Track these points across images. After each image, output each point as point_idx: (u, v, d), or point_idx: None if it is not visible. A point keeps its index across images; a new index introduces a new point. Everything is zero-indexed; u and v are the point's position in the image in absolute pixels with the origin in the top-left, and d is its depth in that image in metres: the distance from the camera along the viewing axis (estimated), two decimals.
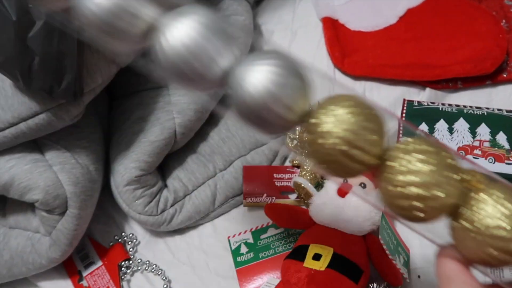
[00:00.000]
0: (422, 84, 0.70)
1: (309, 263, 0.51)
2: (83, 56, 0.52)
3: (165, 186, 0.62)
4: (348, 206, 0.54)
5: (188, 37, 0.32)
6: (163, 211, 0.60)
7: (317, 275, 0.50)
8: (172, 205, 0.61)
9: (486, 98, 0.68)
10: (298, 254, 0.53)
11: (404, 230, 0.60)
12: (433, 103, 0.59)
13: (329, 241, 0.53)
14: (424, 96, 0.68)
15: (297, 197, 0.63)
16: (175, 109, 0.60)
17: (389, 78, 0.70)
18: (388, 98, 0.70)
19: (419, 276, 0.58)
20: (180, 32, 0.32)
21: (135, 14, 0.33)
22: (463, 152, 0.54)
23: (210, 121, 0.66)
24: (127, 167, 0.58)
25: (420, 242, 0.60)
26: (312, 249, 0.52)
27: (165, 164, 0.64)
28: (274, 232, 0.62)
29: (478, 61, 0.66)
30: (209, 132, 0.66)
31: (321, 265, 0.51)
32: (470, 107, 0.58)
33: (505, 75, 0.68)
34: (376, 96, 0.70)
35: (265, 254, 0.60)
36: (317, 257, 0.52)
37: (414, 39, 0.71)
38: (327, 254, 0.51)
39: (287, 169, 0.65)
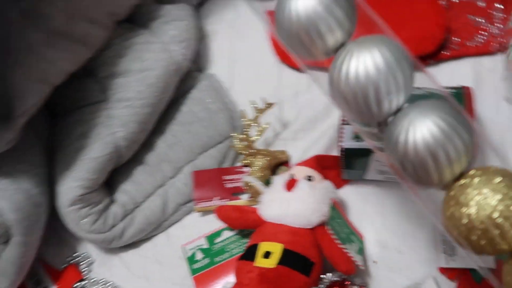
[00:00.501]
0: None
1: (259, 261, 0.52)
2: (8, 78, 0.52)
3: (113, 201, 0.63)
4: (295, 199, 0.55)
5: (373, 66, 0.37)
6: (112, 226, 0.61)
7: (268, 273, 0.51)
8: (122, 220, 0.61)
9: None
10: (249, 254, 0.54)
11: (356, 218, 0.62)
12: None
13: (278, 238, 0.54)
14: None
15: (250, 197, 0.63)
16: (116, 123, 0.61)
17: None
18: None
19: (375, 262, 0.60)
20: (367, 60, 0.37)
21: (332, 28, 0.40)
22: None
23: (155, 129, 0.66)
24: (70, 187, 0.58)
25: (373, 228, 0.61)
26: (262, 247, 0.53)
27: (112, 178, 0.64)
28: (229, 234, 0.62)
29: (419, 41, 0.67)
30: (155, 141, 0.66)
31: (271, 262, 0.51)
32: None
33: (447, 53, 0.70)
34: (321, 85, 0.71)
35: (220, 258, 0.60)
36: (267, 255, 0.52)
37: (358, 26, 0.73)
38: (277, 251, 0.52)
39: (237, 170, 0.66)
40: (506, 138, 0.64)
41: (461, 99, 0.57)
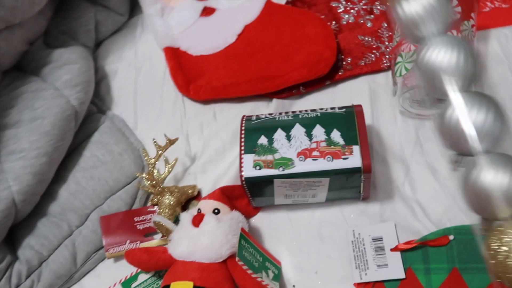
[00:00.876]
0: (268, 96, 0.74)
1: None
2: None
3: (17, 258, 0.60)
4: (203, 234, 0.56)
5: None
6: (17, 285, 0.58)
7: None
8: (27, 277, 0.59)
9: (330, 98, 0.74)
10: None
11: (271, 244, 0.63)
12: (270, 114, 0.63)
13: (189, 275, 0.54)
14: (272, 107, 0.72)
15: (162, 236, 0.63)
16: (9, 176, 0.59)
17: (235, 96, 0.73)
18: (238, 116, 0.73)
19: (294, 286, 0.61)
20: None
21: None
22: (303, 157, 0.57)
23: (56, 178, 0.65)
24: None
25: (289, 252, 0.63)
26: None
27: (13, 234, 0.61)
28: (145, 277, 0.62)
29: (312, 65, 0.71)
30: (57, 190, 0.64)
31: None
32: (306, 111, 0.62)
33: (342, 73, 0.74)
34: (226, 116, 0.73)
35: None
36: None
37: (254, 54, 0.76)
38: None
39: (149, 210, 0.65)
40: (405, 148, 0.68)
41: (353, 117, 0.60)
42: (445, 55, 0.45)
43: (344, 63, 0.75)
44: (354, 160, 0.57)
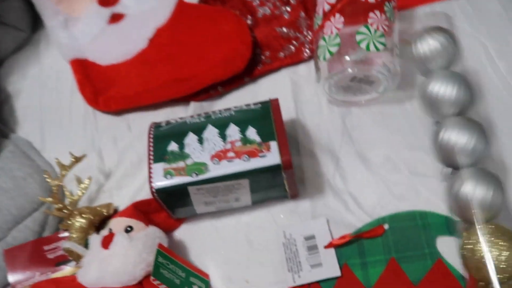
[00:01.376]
0: (185, 100, 0.70)
1: None
2: None
3: None
4: (114, 256, 0.52)
5: None
6: None
7: None
8: None
9: (251, 95, 0.71)
10: None
11: (197, 257, 0.60)
12: (181, 118, 0.59)
13: None
14: (190, 111, 0.69)
15: (76, 264, 0.59)
16: None
17: (148, 103, 0.70)
18: None
19: None
20: None
21: None
22: (217, 159, 0.54)
23: None
24: None
25: (216, 263, 0.60)
26: None
27: None
28: None
29: (228, 62, 0.69)
30: None
31: None
32: (219, 111, 0.59)
33: (260, 68, 0.72)
34: (141, 126, 0.69)
35: None
36: None
37: (166, 57, 0.72)
38: None
39: (59, 236, 0.61)
40: (333, 139, 0.66)
41: (269, 112, 0.58)
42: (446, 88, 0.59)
43: (262, 57, 0.72)
44: (272, 157, 0.54)
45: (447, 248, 0.56)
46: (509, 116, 0.64)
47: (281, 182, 0.58)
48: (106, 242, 0.53)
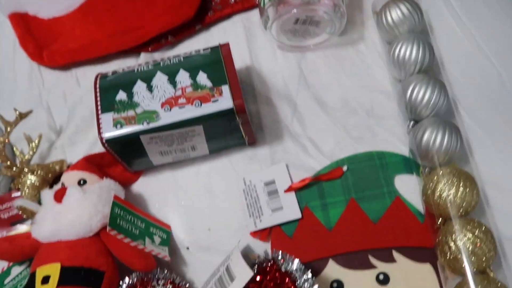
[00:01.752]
0: (135, 51, 0.69)
1: None
2: None
3: None
4: (68, 210, 0.51)
5: None
6: None
7: None
8: None
9: (203, 43, 0.70)
10: (30, 284, 0.49)
11: (159, 209, 0.60)
12: (129, 67, 0.58)
13: (55, 257, 0.49)
14: (140, 62, 0.67)
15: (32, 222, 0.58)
16: None
17: (96, 56, 0.68)
18: None
19: (188, 248, 0.58)
20: None
21: None
22: (168, 106, 0.54)
23: None
24: None
25: (178, 214, 0.60)
26: (39, 273, 0.49)
27: None
28: (19, 269, 0.57)
29: (176, 9, 0.67)
30: None
31: (50, 287, 0.47)
32: (168, 58, 0.58)
33: (210, 14, 0.70)
34: (90, 79, 0.67)
35: None
36: (46, 280, 0.48)
37: (112, 7, 0.70)
38: (54, 272, 0.48)
39: (13, 196, 0.60)
40: (289, 84, 0.66)
41: (219, 56, 0.57)
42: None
43: (213, 3, 0.71)
44: (224, 101, 0.54)
45: (406, 186, 0.58)
46: (469, 74, 0.64)
47: (237, 128, 0.57)
48: (59, 196, 0.52)
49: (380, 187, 0.59)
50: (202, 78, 0.55)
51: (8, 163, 0.57)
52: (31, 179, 0.57)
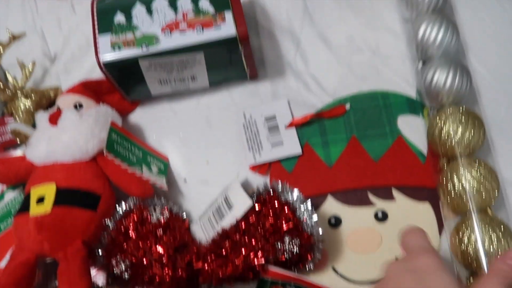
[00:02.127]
0: None
1: (34, 209, 0.47)
2: None
3: None
4: (64, 132, 0.51)
5: None
6: None
7: (45, 219, 0.47)
8: None
9: None
10: (24, 205, 0.49)
11: (157, 139, 0.59)
12: None
13: (51, 177, 0.49)
14: None
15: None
16: None
17: None
18: None
19: (185, 180, 0.58)
20: None
21: None
22: (169, 31, 0.52)
23: None
24: None
25: (176, 146, 0.59)
26: (34, 193, 0.48)
27: None
28: (13, 195, 0.56)
29: None
30: None
31: (46, 207, 0.47)
32: None
33: None
34: (86, 6, 0.65)
35: (7, 223, 0.54)
36: (41, 200, 0.48)
37: None
38: (50, 192, 0.48)
39: (6, 120, 0.59)
40: (293, 20, 0.65)
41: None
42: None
43: None
44: (227, 28, 0.53)
45: (408, 126, 0.57)
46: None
47: (238, 59, 0.56)
48: (54, 118, 0.51)
49: (382, 126, 0.58)
50: (205, 3, 0.54)
51: (1, 85, 0.56)
52: (25, 103, 0.56)
